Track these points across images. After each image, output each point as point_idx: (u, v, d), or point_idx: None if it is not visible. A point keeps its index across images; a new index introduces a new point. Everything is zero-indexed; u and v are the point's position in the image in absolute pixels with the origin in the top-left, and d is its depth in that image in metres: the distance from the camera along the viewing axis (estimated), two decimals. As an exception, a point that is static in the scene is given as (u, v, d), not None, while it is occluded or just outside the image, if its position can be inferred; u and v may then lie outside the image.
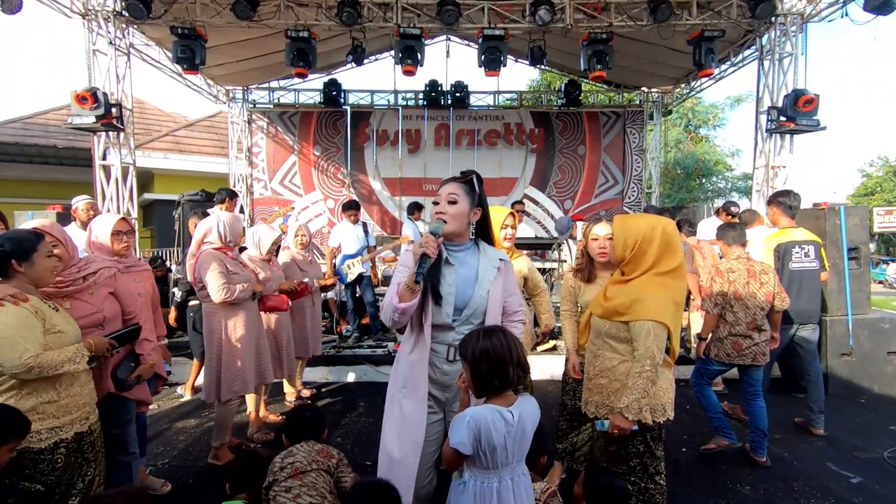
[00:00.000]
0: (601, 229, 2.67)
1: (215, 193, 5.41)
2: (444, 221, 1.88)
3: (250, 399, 3.64)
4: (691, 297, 4.72)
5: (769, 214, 4.14)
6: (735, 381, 3.77)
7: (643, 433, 2.05)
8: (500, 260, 1.98)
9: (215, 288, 3.04)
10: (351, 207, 6.05)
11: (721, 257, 3.70)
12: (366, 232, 6.02)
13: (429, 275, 1.80)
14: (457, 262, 1.92)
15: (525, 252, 3.58)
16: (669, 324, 1.99)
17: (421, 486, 1.89)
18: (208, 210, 4.77)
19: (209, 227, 3.20)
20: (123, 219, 2.73)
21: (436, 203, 1.93)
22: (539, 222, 9.97)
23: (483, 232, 2.01)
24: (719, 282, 3.26)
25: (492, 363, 1.58)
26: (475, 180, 1.95)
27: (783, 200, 3.95)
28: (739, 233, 3.40)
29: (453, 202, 1.89)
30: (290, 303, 3.68)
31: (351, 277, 5.84)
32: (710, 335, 3.32)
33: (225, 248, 3.21)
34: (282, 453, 2.14)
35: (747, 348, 3.21)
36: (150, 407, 3.33)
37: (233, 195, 5.33)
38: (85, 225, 4.30)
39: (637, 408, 1.95)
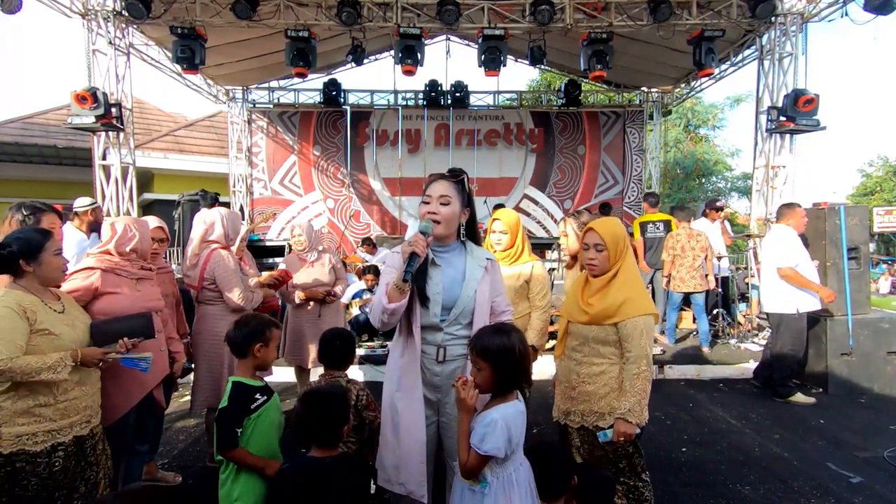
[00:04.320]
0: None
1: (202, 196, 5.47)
2: (437, 222, 1.85)
3: None
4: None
5: (644, 207, 6.88)
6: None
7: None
8: (487, 259, 1.97)
9: (237, 294, 2.93)
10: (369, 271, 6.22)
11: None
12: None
13: (415, 277, 1.78)
14: (443, 262, 1.91)
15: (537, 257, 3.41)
16: (656, 311, 2.10)
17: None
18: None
19: (212, 224, 3.07)
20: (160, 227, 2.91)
21: (426, 202, 1.89)
22: (539, 222, 9.98)
23: (470, 232, 2.00)
24: (670, 243, 5.73)
25: (514, 360, 1.59)
26: (465, 180, 1.93)
27: (647, 198, 6.73)
28: (687, 213, 5.96)
29: (446, 203, 1.86)
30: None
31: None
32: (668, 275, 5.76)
33: (227, 246, 3.09)
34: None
35: (689, 280, 5.58)
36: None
37: (215, 200, 5.38)
38: (89, 226, 4.31)
39: (639, 410, 1.94)
